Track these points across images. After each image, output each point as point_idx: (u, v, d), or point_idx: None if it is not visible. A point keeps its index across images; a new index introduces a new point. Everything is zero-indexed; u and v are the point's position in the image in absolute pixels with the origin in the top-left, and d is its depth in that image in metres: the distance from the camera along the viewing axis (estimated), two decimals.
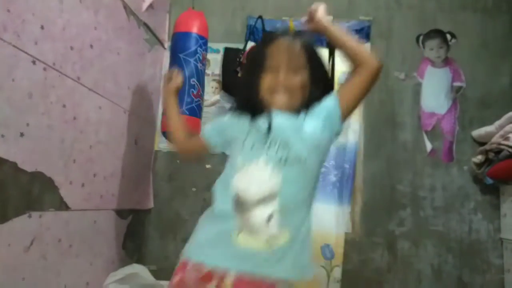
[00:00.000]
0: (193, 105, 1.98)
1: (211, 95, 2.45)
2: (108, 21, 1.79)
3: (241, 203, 1.00)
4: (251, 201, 0.98)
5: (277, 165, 1.00)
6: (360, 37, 2.38)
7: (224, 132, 1.18)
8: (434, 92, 2.35)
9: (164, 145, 2.39)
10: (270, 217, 0.98)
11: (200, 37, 2.03)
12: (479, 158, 2.15)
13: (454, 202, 2.24)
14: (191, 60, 1.98)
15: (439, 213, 2.24)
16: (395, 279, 2.21)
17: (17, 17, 1.24)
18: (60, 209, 1.51)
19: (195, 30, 2.02)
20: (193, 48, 2.00)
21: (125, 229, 2.09)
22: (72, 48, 1.53)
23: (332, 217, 2.25)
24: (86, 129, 1.66)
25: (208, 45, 2.11)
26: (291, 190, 1.01)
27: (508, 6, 2.36)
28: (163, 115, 1.96)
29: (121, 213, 2.02)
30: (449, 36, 2.38)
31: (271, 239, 0.98)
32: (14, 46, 1.23)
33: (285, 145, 1.02)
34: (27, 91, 1.30)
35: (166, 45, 2.47)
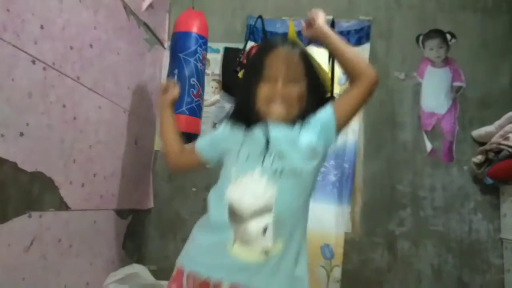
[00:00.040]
0: (193, 105, 1.98)
1: (211, 95, 2.45)
2: (108, 20, 1.79)
3: (236, 214, 0.99)
4: (246, 213, 0.98)
5: (272, 177, 1.00)
6: (360, 37, 2.38)
7: (217, 145, 1.16)
8: (434, 92, 2.35)
9: None
10: (265, 229, 0.97)
11: (200, 36, 2.03)
12: (479, 158, 2.15)
13: (454, 202, 2.24)
14: (191, 59, 1.99)
15: (439, 213, 2.24)
16: (395, 279, 2.21)
17: (16, 17, 1.24)
18: (60, 209, 1.51)
19: (195, 29, 2.02)
20: (193, 47, 2.00)
21: (125, 229, 2.09)
22: (71, 47, 1.53)
23: (332, 217, 2.25)
24: (86, 129, 1.66)
25: (208, 44, 2.12)
26: (286, 201, 1.00)
27: (508, 6, 2.36)
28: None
29: (121, 213, 2.02)
30: (449, 36, 2.38)
31: (266, 250, 0.98)
32: (13, 45, 1.23)
33: (281, 157, 1.01)
34: (26, 90, 1.30)
35: (166, 44, 2.47)
